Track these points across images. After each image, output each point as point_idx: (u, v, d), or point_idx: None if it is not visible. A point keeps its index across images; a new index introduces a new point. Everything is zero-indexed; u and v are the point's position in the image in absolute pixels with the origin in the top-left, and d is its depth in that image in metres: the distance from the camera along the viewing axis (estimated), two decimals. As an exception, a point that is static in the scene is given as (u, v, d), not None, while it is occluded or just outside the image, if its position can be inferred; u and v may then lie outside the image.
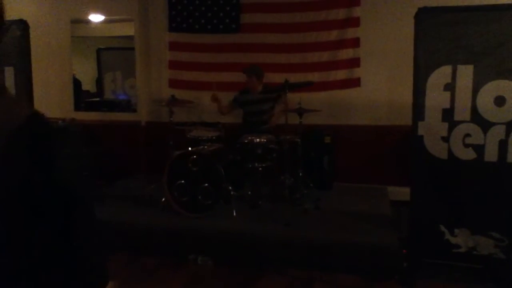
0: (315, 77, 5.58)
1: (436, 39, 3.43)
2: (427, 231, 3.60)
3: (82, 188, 0.83)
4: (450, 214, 3.53)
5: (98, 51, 7.03)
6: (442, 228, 3.55)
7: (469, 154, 3.42)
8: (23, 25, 4.56)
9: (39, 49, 5.69)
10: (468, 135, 3.41)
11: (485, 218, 3.44)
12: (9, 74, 4.59)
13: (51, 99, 6.16)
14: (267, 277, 3.69)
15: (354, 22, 5.55)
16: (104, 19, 6.48)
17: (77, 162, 0.83)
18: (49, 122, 0.82)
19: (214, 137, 4.71)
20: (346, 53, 5.62)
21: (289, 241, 3.88)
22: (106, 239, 0.92)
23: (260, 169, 4.52)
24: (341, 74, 5.66)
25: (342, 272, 3.66)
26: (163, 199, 4.44)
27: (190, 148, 4.47)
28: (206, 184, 4.22)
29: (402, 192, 4.44)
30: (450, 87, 3.42)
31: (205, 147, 4.50)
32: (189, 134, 4.77)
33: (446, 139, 3.46)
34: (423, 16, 3.45)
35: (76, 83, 6.73)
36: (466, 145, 3.42)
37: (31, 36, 4.69)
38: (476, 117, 3.37)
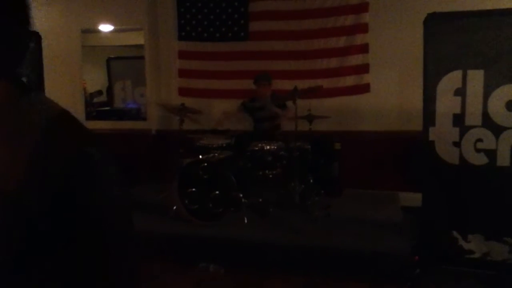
0: (324, 83, 5.59)
1: (445, 44, 3.43)
2: (439, 237, 3.57)
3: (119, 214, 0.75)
4: (463, 220, 3.51)
5: (108, 60, 7.10)
6: (455, 234, 3.53)
7: (481, 159, 3.41)
8: (35, 36, 4.63)
9: (50, 59, 5.76)
10: (479, 140, 3.40)
11: (499, 223, 3.42)
12: (22, 84, 4.65)
13: (62, 108, 6.22)
14: (278, 283, 3.68)
15: (363, 28, 5.56)
16: (114, 28, 6.56)
17: (115, 181, 0.75)
18: (81, 125, 0.75)
19: (224, 145, 4.73)
20: (355, 59, 5.62)
21: (300, 248, 3.86)
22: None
23: (270, 176, 4.53)
24: (350, 80, 5.66)
25: (354, 279, 3.64)
26: (174, 207, 4.46)
27: (200, 156, 4.49)
28: (217, 192, 4.23)
29: (413, 198, 4.42)
30: (460, 92, 3.41)
31: (215, 155, 4.51)
32: (199, 142, 4.79)
33: (457, 144, 3.45)
34: (432, 21, 3.45)
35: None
36: (478, 150, 3.41)
37: (42, 46, 4.75)
38: (487, 122, 3.36)
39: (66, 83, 6.56)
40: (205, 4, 6.03)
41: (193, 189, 4.30)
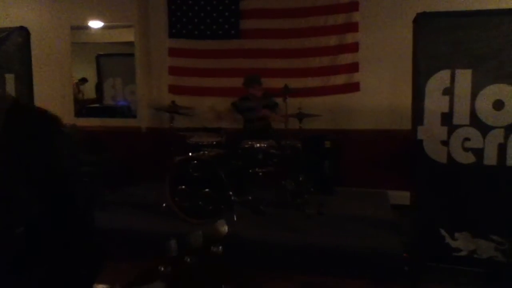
0: (314, 82, 5.62)
1: (435, 44, 3.45)
2: (428, 235, 3.60)
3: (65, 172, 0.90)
4: (450, 218, 3.54)
5: (98, 57, 7.05)
6: (443, 232, 3.56)
7: (469, 158, 3.44)
8: (24, 32, 4.59)
9: (39, 55, 5.71)
10: (467, 139, 3.43)
11: (486, 221, 3.46)
12: (10, 81, 4.61)
13: (52, 105, 6.14)
14: (271, 282, 3.67)
15: (353, 27, 5.59)
16: (104, 25, 6.51)
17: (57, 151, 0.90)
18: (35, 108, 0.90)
19: (214, 143, 4.72)
20: (345, 58, 5.66)
21: (292, 246, 3.87)
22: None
23: (261, 174, 4.53)
24: (340, 79, 5.69)
25: (347, 276, 3.65)
26: (164, 205, 4.45)
27: (190, 154, 4.48)
28: (207, 190, 4.23)
29: (402, 196, 4.45)
30: (449, 92, 3.43)
31: (206, 152, 4.51)
32: (190, 140, 4.78)
33: (445, 143, 3.48)
34: (422, 21, 3.47)
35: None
36: (466, 149, 3.44)
37: (31, 42, 4.71)
38: (475, 121, 3.39)
39: (56, 80, 6.51)
40: (196, 1, 6.02)
41: (184, 187, 4.30)
